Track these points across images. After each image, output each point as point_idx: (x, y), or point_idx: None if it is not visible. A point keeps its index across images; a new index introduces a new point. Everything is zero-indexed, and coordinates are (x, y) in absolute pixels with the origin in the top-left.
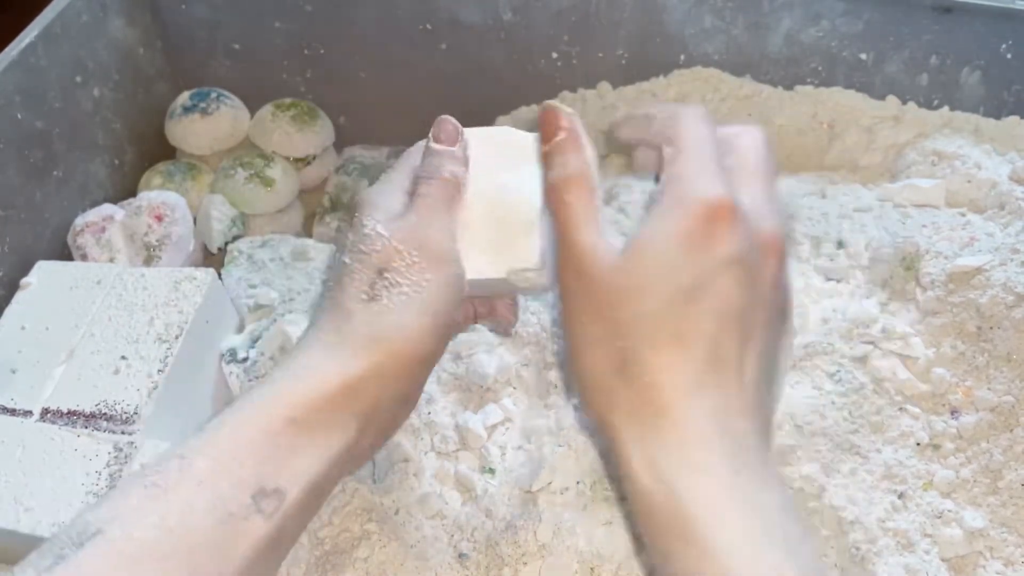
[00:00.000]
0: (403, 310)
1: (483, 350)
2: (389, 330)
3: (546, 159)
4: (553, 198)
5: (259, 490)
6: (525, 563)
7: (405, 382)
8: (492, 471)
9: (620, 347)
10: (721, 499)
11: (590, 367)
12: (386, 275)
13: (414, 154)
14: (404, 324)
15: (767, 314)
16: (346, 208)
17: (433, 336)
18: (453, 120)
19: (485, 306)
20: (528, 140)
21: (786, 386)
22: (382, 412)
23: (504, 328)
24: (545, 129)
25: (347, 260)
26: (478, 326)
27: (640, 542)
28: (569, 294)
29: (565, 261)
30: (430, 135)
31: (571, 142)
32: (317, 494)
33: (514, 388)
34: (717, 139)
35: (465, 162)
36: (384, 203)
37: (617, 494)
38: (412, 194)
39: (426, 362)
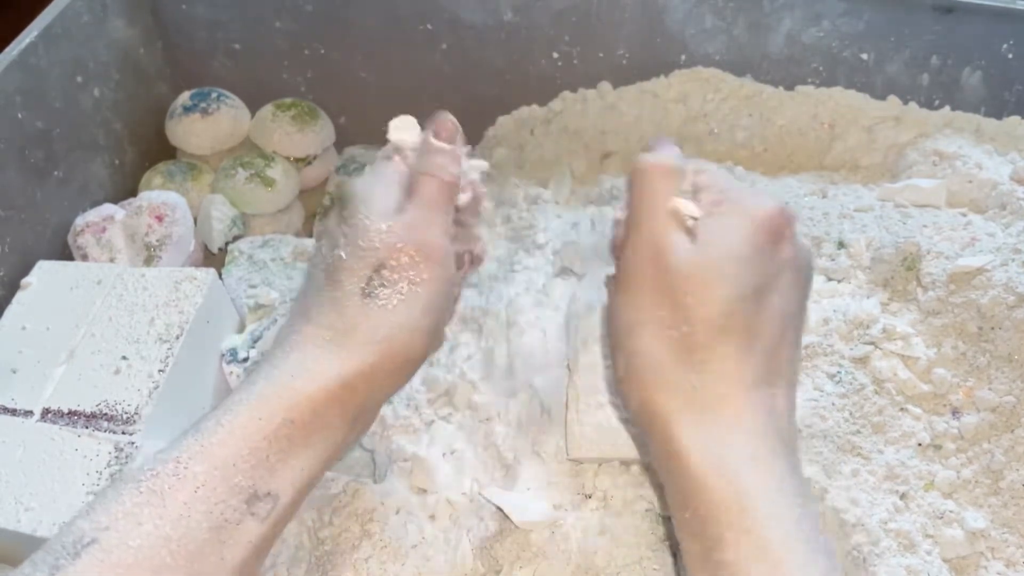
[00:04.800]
0: (401, 309)
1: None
2: (387, 330)
3: (643, 152)
4: (635, 180)
5: (252, 495)
6: (520, 567)
7: (398, 379)
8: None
9: (686, 332)
10: (778, 495)
11: (648, 348)
12: (383, 272)
13: (388, 158)
14: (402, 324)
15: (802, 327)
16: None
17: (429, 335)
18: (452, 117)
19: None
20: None
21: None
22: (372, 408)
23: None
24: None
25: (343, 255)
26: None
27: (668, 525)
28: (634, 273)
29: (638, 242)
30: (429, 133)
31: (666, 143)
32: (307, 492)
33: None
34: None
35: (461, 160)
36: (379, 198)
37: (652, 480)
38: (410, 191)
39: (421, 359)
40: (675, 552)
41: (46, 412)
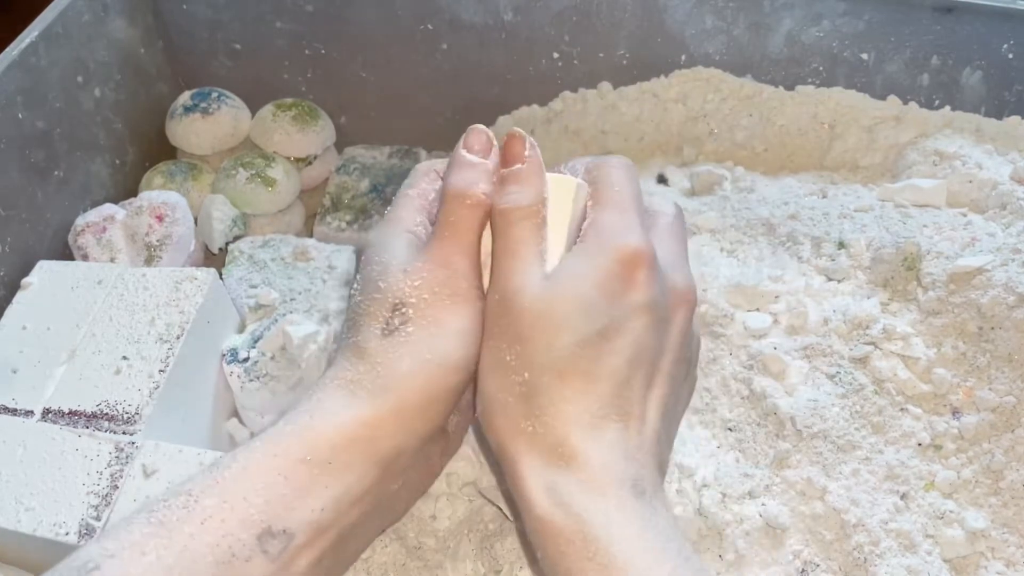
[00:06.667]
0: (424, 342)
1: None
2: (409, 364)
3: (501, 184)
4: (499, 223)
5: (265, 530)
6: (521, 567)
7: (429, 421)
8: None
9: (527, 378)
10: (619, 518)
11: (497, 392)
12: (404, 309)
13: (420, 179)
14: (426, 358)
15: (673, 363)
16: (347, 208)
17: (458, 371)
18: (487, 130)
19: None
20: (571, 185)
21: (786, 394)
22: (407, 454)
23: None
24: (506, 156)
25: (360, 298)
26: None
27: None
28: (491, 318)
29: (493, 285)
30: (460, 145)
31: (529, 173)
32: (336, 540)
33: None
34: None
35: (494, 176)
36: (393, 241)
37: (511, 512)
38: (435, 215)
39: (451, 397)
40: None
41: (47, 412)
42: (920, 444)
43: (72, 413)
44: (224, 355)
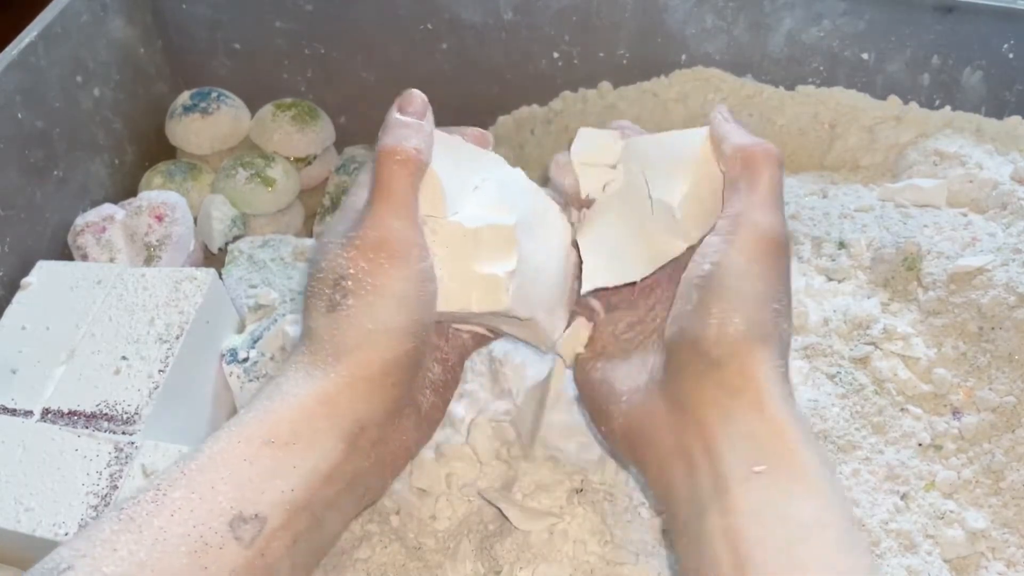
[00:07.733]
0: (365, 315)
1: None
2: (355, 337)
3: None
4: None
5: (236, 516)
6: (521, 568)
7: (386, 391)
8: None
9: (715, 353)
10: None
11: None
12: (343, 283)
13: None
14: (369, 328)
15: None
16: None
17: (404, 337)
18: (421, 94)
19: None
20: (697, 136)
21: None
22: (372, 428)
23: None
24: None
25: (307, 284)
26: None
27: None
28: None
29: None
30: (393, 108)
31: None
32: (310, 521)
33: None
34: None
35: (431, 139)
36: (336, 227)
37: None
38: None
39: (405, 366)
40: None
41: (46, 412)
42: (920, 444)
43: (71, 413)
44: (223, 355)
